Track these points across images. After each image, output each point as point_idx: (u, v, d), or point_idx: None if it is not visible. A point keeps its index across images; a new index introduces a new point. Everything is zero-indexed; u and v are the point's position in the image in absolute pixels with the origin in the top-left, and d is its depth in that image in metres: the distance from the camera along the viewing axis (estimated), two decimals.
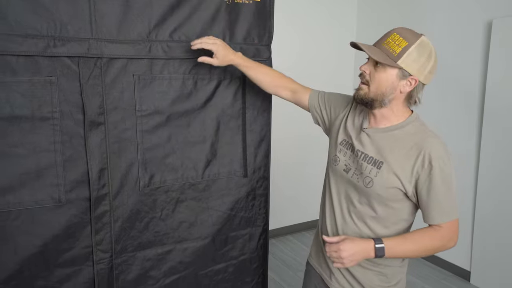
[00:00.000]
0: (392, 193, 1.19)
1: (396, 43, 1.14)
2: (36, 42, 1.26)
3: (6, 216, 1.30)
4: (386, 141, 1.22)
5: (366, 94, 1.19)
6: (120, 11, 1.38)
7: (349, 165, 1.29)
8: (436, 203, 1.16)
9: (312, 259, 1.49)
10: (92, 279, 1.47)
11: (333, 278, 1.35)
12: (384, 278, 1.28)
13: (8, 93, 1.25)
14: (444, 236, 1.18)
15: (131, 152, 1.48)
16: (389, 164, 1.19)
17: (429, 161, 1.15)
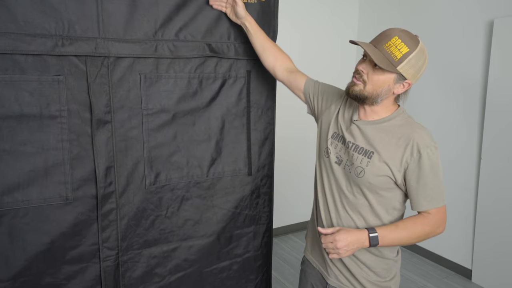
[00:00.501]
0: (383, 181, 1.25)
1: (397, 48, 1.16)
2: (45, 41, 1.27)
3: (15, 213, 1.31)
4: (375, 133, 1.27)
5: (361, 91, 1.23)
6: (127, 10, 1.39)
7: (341, 157, 1.34)
8: (425, 191, 1.21)
9: (308, 253, 1.53)
10: (99, 276, 1.49)
11: (331, 273, 1.39)
12: (381, 272, 1.33)
13: (17, 92, 1.26)
14: (433, 222, 1.24)
15: (137, 150, 1.50)
16: (379, 154, 1.24)
17: (418, 150, 1.20)
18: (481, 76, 2.99)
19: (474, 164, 3.07)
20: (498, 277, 2.91)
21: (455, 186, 3.20)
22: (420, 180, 1.21)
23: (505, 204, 2.84)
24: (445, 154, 3.26)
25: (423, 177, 1.21)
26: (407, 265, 3.33)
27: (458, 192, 3.19)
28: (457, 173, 3.19)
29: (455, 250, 3.24)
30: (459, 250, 3.21)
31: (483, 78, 2.97)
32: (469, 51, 3.05)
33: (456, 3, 3.13)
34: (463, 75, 3.11)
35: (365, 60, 1.24)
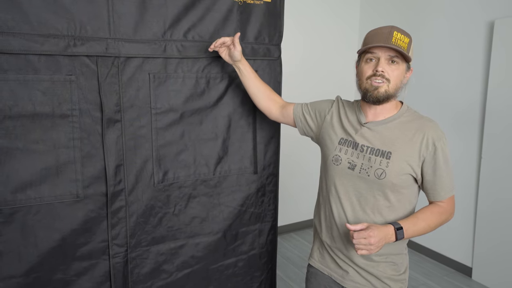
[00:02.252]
0: (404, 180, 1.27)
1: (402, 40, 1.22)
2: (57, 42, 1.30)
3: (27, 210, 1.34)
4: (389, 132, 1.29)
5: (387, 91, 1.24)
6: (137, 11, 1.42)
7: (354, 162, 1.32)
8: (442, 182, 1.27)
9: (316, 262, 1.50)
10: (108, 273, 1.51)
11: (347, 277, 1.38)
12: (395, 267, 1.35)
13: (30, 91, 1.29)
14: (447, 211, 1.30)
15: (146, 149, 1.52)
16: (398, 153, 1.25)
17: (433, 143, 1.24)
18: (482, 76, 3.01)
19: (474, 163, 3.10)
20: (498, 275, 2.95)
21: (456, 185, 3.23)
22: (437, 172, 1.25)
23: (505, 203, 2.87)
24: None
25: (439, 169, 1.25)
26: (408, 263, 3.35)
27: (459, 191, 3.22)
28: (457, 172, 3.22)
29: (456, 248, 3.27)
30: (460, 248, 3.24)
31: (484, 78, 3.00)
32: (470, 51, 3.08)
33: (456, 4, 3.16)
34: (464, 75, 3.14)
35: (374, 61, 1.25)
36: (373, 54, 1.25)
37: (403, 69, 1.26)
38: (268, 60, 1.72)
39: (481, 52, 3.01)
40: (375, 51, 1.24)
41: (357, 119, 1.35)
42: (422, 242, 3.53)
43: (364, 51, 1.28)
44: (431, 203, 1.33)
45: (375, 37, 1.24)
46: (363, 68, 1.28)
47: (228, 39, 1.47)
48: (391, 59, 1.23)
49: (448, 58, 3.25)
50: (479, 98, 3.04)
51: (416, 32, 3.47)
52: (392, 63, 1.24)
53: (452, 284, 3.04)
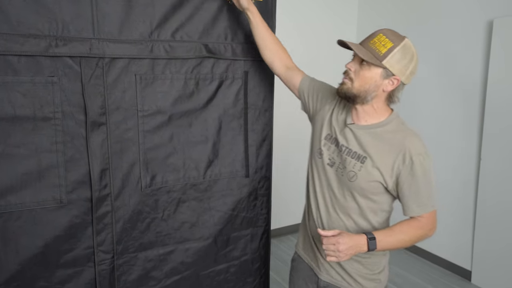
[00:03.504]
0: (374, 186, 1.26)
1: (382, 44, 1.19)
2: (38, 42, 1.25)
3: (8, 216, 1.29)
4: (368, 138, 1.27)
5: (349, 89, 1.24)
6: (122, 11, 1.37)
7: (333, 159, 1.34)
8: (417, 197, 1.23)
9: (300, 249, 1.53)
10: (94, 280, 1.47)
11: (322, 269, 1.41)
12: (370, 266, 1.35)
13: (9, 93, 1.24)
14: (425, 226, 1.26)
15: (133, 152, 1.48)
16: (372, 159, 1.25)
17: (410, 158, 1.21)
18: (481, 76, 2.97)
19: (473, 165, 3.05)
20: (497, 279, 2.90)
21: (455, 187, 3.18)
22: (412, 187, 1.23)
23: (504, 206, 2.82)
24: (444, 155, 3.24)
25: (415, 184, 1.22)
26: (406, 266, 3.31)
27: (457, 193, 3.17)
28: (456, 174, 3.17)
29: (455, 251, 3.22)
30: (459, 252, 3.19)
31: (483, 78, 2.95)
32: (469, 51, 3.04)
33: (455, 3, 3.11)
34: (463, 75, 3.09)
35: (354, 59, 1.26)
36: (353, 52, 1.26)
37: (376, 73, 1.21)
38: (260, 61, 1.67)
39: (480, 51, 2.97)
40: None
41: (344, 119, 1.34)
42: (420, 245, 3.48)
43: None
44: (410, 218, 1.29)
45: (366, 37, 1.25)
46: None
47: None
48: (363, 59, 1.21)
49: (447, 58, 3.20)
50: (478, 98, 3.00)
51: (414, 30, 3.43)
52: (363, 64, 1.22)
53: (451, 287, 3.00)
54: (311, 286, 1.46)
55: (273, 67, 1.55)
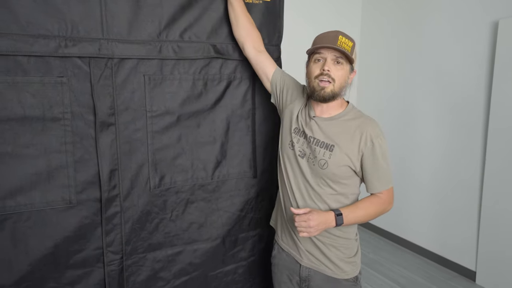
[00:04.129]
0: (344, 171, 1.38)
1: (346, 44, 1.34)
2: (47, 42, 1.25)
3: (17, 217, 1.29)
4: (333, 128, 1.40)
5: (333, 90, 1.35)
6: (131, 11, 1.38)
7: (304, 151, 1.44)
8: (378, 175, 1.38)
9: (280, 239, 1.59)
10: (103, 281, 1.46)
11: (303, 255, 1.48)
12: (346, 251, 1.46)
13: (19, 94, 1.24)
14: (385, 201, 1.42)
15: (141, 153, 1.48)
16: (340, 147, 1.37)
17: (371, 140, 1.36)
18: (486, 75, 2.96)
19: (478, 166, 3.05)
20: (502, 279, 2.89)
21: (460, 188, 3.18)
22: (374, 166, 1.37)
23: (509, 206, 2.82)
24: (448, 155, 3.24)
25: (376, 164, 1.37)
26: (410, 266, 3.30)
27: (462, 194, 3.17)
28: (461, 174, 3.16)
29: (460, 252, 3.22)
30: (464, 253, 3.18)
31: (488, 79, 2.95)
32: (474, 50, 3.03)
33: (460, 3, 3.11)
34: (468, 76, 3.09)
35: (321, 61, 1.36)
36: (321, 55, 1.36)
37: (347, 69, 1.37)
38: None
39: (486, 51, 2.96)
40: (322, 52, 1.35)
41: (308, 113, 1.45)
42: (425, 246, 3.48)
43: (313, 53, 1.38)
44: (371, 195, 1.43)
45: (323, 39, 1.35)
46: (311, 68, 1.39)
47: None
48: (336, 59, 1.34)
49: (452, 58, 3.20)
50: (483, 98, 2.99)
51: (419, 30, 3.43)
52: (338, 64, 1.34)
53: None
54: (294, 278, 1.52)
55: (244, 47, 1.55)
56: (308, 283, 1.48)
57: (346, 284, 1.46)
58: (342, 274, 1.45)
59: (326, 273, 1.45)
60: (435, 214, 3.39)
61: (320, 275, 1.46)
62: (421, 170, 3.49)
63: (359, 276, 1.50)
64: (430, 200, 3.44)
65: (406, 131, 3.62)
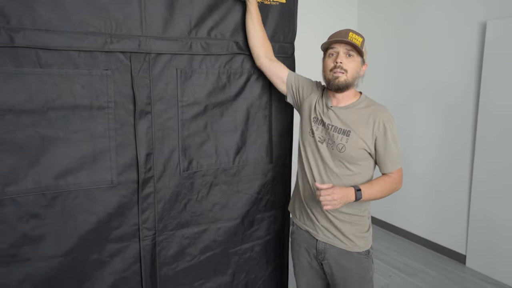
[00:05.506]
0: (360, 153, 1.54)
1: (356, 39, 1.50)
2: (96, 39, 1.40)
3: (67, 195, 1.44)
4: (349, 115, 1.56)
5: (346, 80, 1.52)
6: (166, 11, 1.53)
7: (323, 137, 1.60)
8: (390, 156, 1.54)
9: (297, 219, 1.75)
10: (138, 254, 1.62)
11: (319, 231, 1.64)
12: (358, 227, 1.61)
13: (71, 85, 1.39)
14: (395, 180, 1.57)
15: (172, 139, 1.63)
16: (356, 132, 1.53)
17: (383, 125, 1.52)
18: (475, 75, 3.17)
19: (468, 159, 3.26)
20: (489, 261, 3.11)
21: (450, 177, 3.39)
22: (386, 148, 1.53)
23: (496, 197, 3.04)
24: (442, 150, 3.44)
25: (387, 145, 1.53)
26: (407, 252, 3.51)
27: (454, 186, 3.38)
28: (453, 168, 3.37)
29: (451, 238, 3.43)
30: (455, 238, 3.40)
31: (477, 78, 3.16)
32: (463, 50, 3.23)
33: (450, 5, 3.31)
34: (458, 73, 3.29)
35: (334, 55, 1.52)
36: (334, 49, 1.53)
37: (359, 62, 1.53)
38: (283, 57, 1.84)
39: (474, 52, 3.16)
40: (335, 46, 1.52)
41: (326, 103, 1.62)
42: (420, 234, 3.69)
43: (327, 48, 1.56)
44: (383, 175, 1.59)
45: (335, 36, 1.53)
46: (326, 62, 1.56)
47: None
48: (348, 52, 1.51)
49: (441, 57, 3.40)
50: (472, 97, 3.20)
51: (412, 30, 3.62)
52: (349, 56, 1.51)
53: (447, 271, 3.20)
54: (311, 251, 1.68)
55: (259, 57, 1.71)
56: (324, 255, 1.64)
57: (359, 257, 1.61)
58: (355, 248, 1.60)
59: (340, 246, 1.60)
60: (429, 204, 3.60)
61: (334, 248, 1.61)
62: (416, 165, 3.69)
63: (371, 250, 1.65)
64: (424, 192, 3.65)
65: (402, 127, 3.81)
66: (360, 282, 1.62)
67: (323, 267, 1.67)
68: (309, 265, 1.72)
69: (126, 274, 1.61)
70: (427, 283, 3.01)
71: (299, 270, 1.77)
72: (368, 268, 1.63)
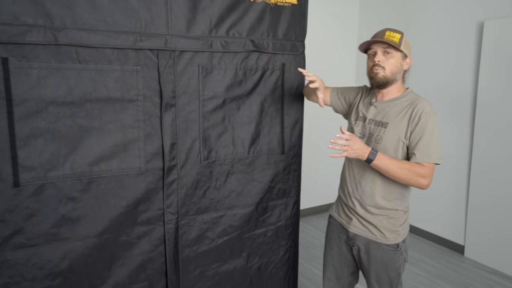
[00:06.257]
0: (396, 144, 1.60)
1: (393, 36, 1.58)
2: (127, 37, 1.54)
3: (100, 181, 1.58)
4: (388, 109, 1.65)
5: (384, 76, 1.60)
6: (190, 12, 1.67)
7: (363, 132, 1.71)
8: (420, 146, 1.55)
9: (334, 212, 1.88)
10: (163, 237, 1.76)
11: (351, 223, 1.74)
12: (391, 221, 1.67)
13: (105, 79, 1.53)
14: (420, 172, 1.54)
15: (194, 130, 1.77)
16: (393, 123, 1.61)
17: (418, 116, 1.56)
18: (472, 75, 3.32)
19: (466, 153, 3.41)
20: (486, 251, 3.26)
21: (448, 169, 3.54)
22: (417, 138, 1.55)
23: (492, 190, 3.18)
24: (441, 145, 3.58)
25: (418, 135, 1.55)
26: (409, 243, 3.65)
27: (451, 176, 3.53)
28: (451, 155, 3.52)
29: (450, 230, 3.58)
30: (454, 230, 3.55)
31: (474, 78, 3.30)
32: (461, 50, 3.38)
33: (449, 6, 3.45)
34: (456, 71, 3.44)
35: (374, 55, 1.62)
36: (372, 50, 1.63)
37: (398, 57, 1.60)
38: (294, 54, 1.98)
39: (472, 52, 3.31)
40: (373, 47, 1.62)
41: (369, 100, 1.73)
42: (419, 226, 3.83)
43: (367, 50, 1.67)
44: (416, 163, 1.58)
45: (373, 37, 1.63)
46: (367, 63, 1.67)
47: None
48: (385, 50, 1.59)
49: (440, 57, 3.55)
50: (469, 96, 3.34)
51: (412, 32, 3.77)
52: (387, 54, 1.60)
53: (447, 260, 3.35)
54: (343, 236, 1.79)
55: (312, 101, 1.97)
56: (354, 241, 1.72)
57: (387, 248, 1.65)
58: (384, 240, 1.65)
59: (369, 237, 1.67)
60: (429, 197, 3.74)
61: (365, 238, 1.69)
62: None
63: (401, 244, 1.67)
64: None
65: None
66: (386, 269, 1.67)
67: (353, 251, 1.76)
68: (338, 250, 1.82)
69: (152, 255, 1.74)
70: (427, 271, 3.15)
71: (328, 253, 1.88)
72: (395, 260, 1.67)
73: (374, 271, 1.70)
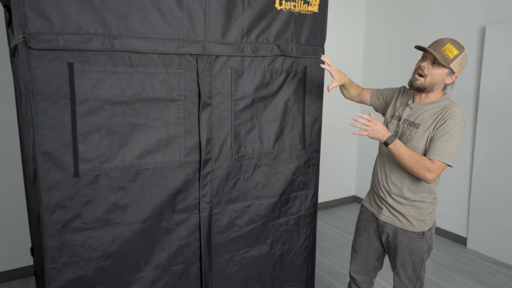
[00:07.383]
0: (423, 144, 1.73)
1: (450, 51, 1.65)
2: (172, 44, 1.72)
3: (146, 172, 1.76)
4: (422, 111, 1.77)
5: (422, 84, 1.73)
6: (225, 21, 1.84)
7: (396, 130, 1.86)
8: (436, 146, 1.66)
9: (366, 202, 2.06)
10: (198, 224, 1.94)
11: (381, 212, 1.91)
12: (419, 210, 1.82)
13: (152, 81, 1.70)
14: (427, 166, 1.66)
15: (226, 127, 1.95)
16: (423, 125, 1.74)
17: (444, 119, 1.67)
18: (474, 79, 3.49)
19: (469, 149, 3.59)
20: (488, 243, 3.45)
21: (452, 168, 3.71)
22: (437, 137, 1.67)
23: (494, 184, 3.37)
24: None
25: (439, 136, 1.66)
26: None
27: (454, 171, 3.71)
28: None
29: (453, 222, 3.77)
30: (457, 222, 3.74)
31: (476, 81, 3.48)
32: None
33: (450, 10, 3.63)
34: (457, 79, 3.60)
35: (425, 59, 1.72)
36: (426, 53, 1.72)
37: (444, 71, 1.68)
38: (315, 58, 2.16)
39: (474, 56, 3.49)
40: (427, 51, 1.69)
41: (406, 101, 1.87)
42: None
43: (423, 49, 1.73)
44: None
45: (433, 43, 1.70)
46: (418, 61, 1.76)
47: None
48: (435, 60, 1.68)
49: None
50: (472, 100, 3.52)
51: (416, 36, 3.95)
52: (435, 64, 1.68)
53: (450, 251, 3.54)
54: (373, 224, 1.97)
55: (352, 100, 2.18)
56: (383, 229, 1.90)
57: (413, 236, 1.80)
58: (410, 227, 1.80)
59: (397, 225, 1.83)
60: None
61: (393, 226, 1.85)
62: None
63: (427, 232, 1.81)
64: None
65: None
66: (410, 254, 1.82)
67: (381, 238, 1.93)
68: (367, 237, 1.99)
69: (189, 240, 1.93)
70: (432, 261, 3.34)
71: (357, 239, 2.05)
72: (420, 246, 1.81)
73: (400, 255, 1.85)
